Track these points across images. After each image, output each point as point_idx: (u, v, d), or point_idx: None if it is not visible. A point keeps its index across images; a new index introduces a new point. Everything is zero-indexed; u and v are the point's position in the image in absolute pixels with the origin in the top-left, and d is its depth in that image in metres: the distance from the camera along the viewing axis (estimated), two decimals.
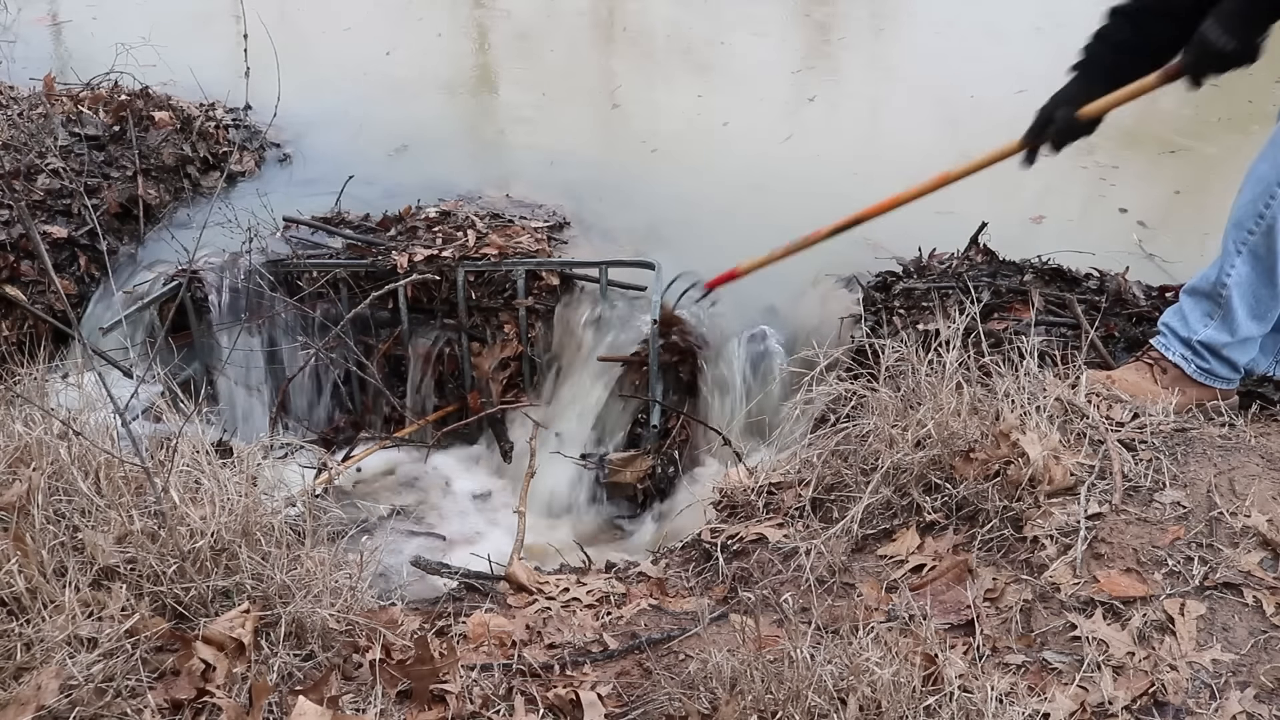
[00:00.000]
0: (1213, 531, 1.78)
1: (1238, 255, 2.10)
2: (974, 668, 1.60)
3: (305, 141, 4.19)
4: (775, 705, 1.52)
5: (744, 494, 2.24)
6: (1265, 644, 1.60)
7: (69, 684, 1.53)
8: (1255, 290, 2.12)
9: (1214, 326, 2.17)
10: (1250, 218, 2.08)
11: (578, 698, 1.67)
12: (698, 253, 3.43)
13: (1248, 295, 2.12)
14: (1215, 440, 2.00)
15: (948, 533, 1.93)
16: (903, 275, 3.02)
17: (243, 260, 3.28)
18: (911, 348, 2.13)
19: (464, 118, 4.67)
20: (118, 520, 1.77)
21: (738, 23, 5.71)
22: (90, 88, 3.97)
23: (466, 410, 3.36)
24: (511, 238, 3.34)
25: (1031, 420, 1.96)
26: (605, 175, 3.92)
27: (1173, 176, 3.96)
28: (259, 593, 1.73)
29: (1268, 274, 2.09)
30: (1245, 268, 2.10)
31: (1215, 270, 2.15)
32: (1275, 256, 2.07)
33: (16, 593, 1.63)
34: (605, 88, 5.01)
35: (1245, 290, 2.12)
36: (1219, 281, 2.14)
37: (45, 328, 3.22)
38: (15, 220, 3.21)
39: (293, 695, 1.58)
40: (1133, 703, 1.53)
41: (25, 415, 1.96)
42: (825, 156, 4.06)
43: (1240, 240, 2.09)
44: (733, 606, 1.91)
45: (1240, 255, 2.10)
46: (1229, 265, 2.12)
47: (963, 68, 4.92)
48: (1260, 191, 2.05)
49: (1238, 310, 2.13)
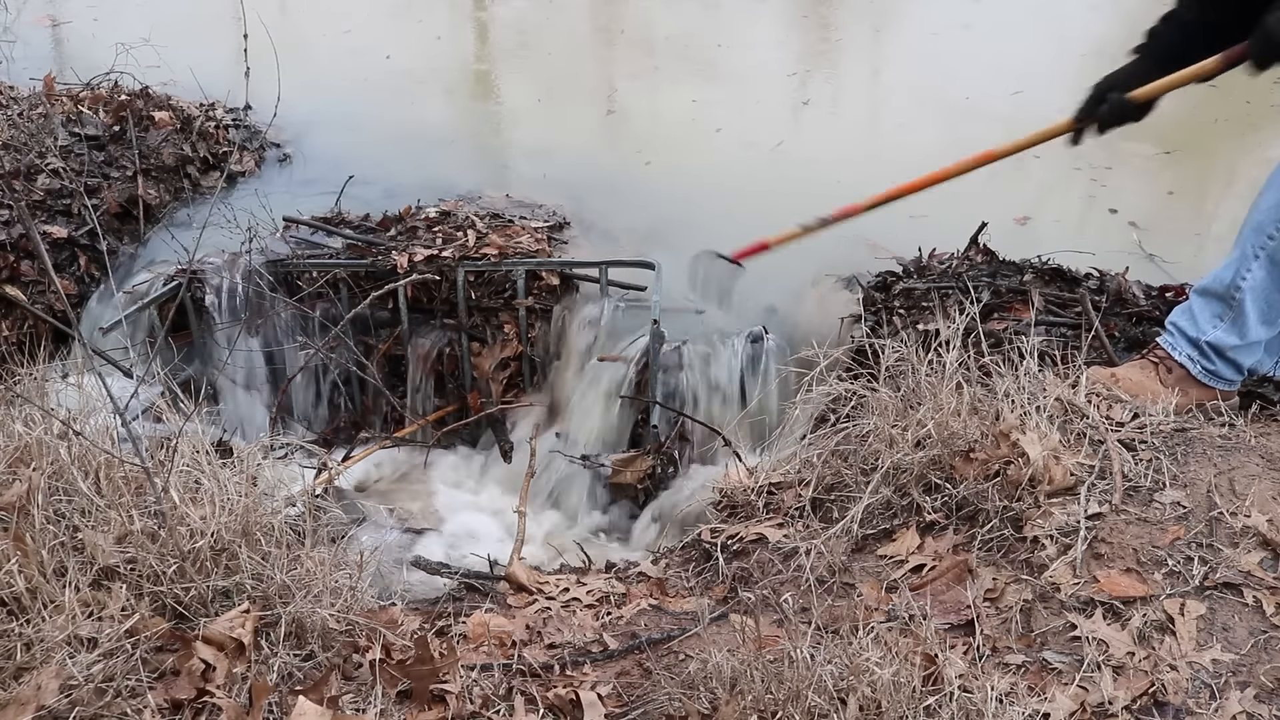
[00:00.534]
0: (1213, 531, 1.78)
1: (1255, 260, 2.09)
2: (974, 668, 1.60)
3: (305, 141, 4.20)
4: (775, 705, 1.52)
5: (744, 494, 2.24)
6: (1265, 644, 1.60)
7: (69, 684, 1.53)
8: (1269, 295, 2.11)
9: (1223, 328, 2.16)
10: (1272, 223, 2.07)
11: (578, 698, 1.67)
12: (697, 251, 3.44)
13: (1260, 300, 2.12)
14: (1215, 440, 2.00)
15: (948, 533, 1.93)
16: (903, 275, 3.02)
17: (243, 260, 3.28)
18: (911, 348, 2.13)
19: (464, 118, 4.67)
20: (118, 520, 1.77)
21: (737, 23, 5.72)
22: (90, 88, 3.98)
23: (466, 410, 3.36)
24: (511, 238, 3.34)
25: (1031, 420, 1.96)
26: (605, 175, 3.92)
27: (1170, 177, 3.96)
28: (259, 593, 1.73)
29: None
30: (1262, 272, 2.09)
31: (1230, 272, 2.14)
32: None
33: (16, 593, 1.63)
34: (605, 89, 5.01)
35: (1259, 294, 2.11)
36: (1233, 284, 2.13)
37: (45, 328, 3.22)
38: (15, 220, 3.21)
39: (293, 695, 1.58)
40: (1133, 703, 1.53)
41: (25, 415, 1.96)
42: (825, 157, 4.06)
43: (1259, 245, 2.08)
44: (733, 606, 1.91)
45: (1258, 260, 2.09)
46: (1245, 269, 2.11)
47: (961, 68, 4.92)
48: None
49: (1250, 314, 2.12)
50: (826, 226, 2.62)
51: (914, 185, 2.49)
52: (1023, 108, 2.62)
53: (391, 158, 4.04)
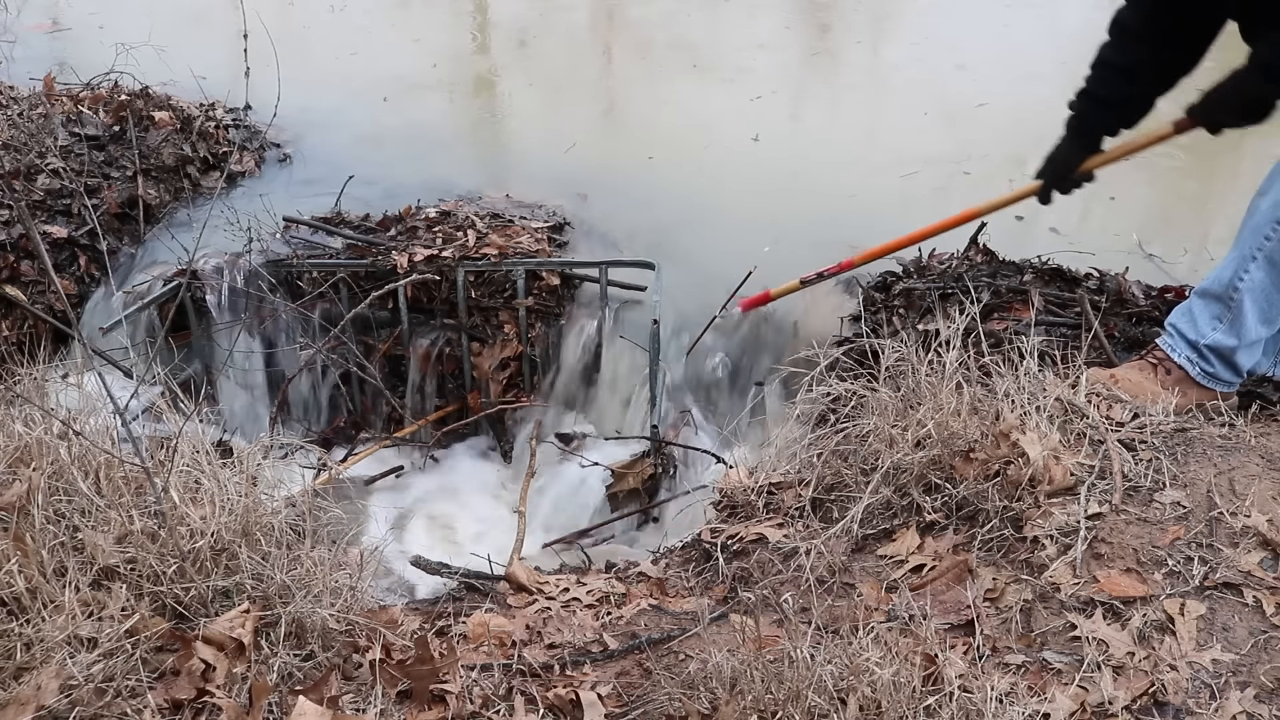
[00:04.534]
0: (1213, 531, 1.78)
1: (1253, 260, 2.10)
2: (974, 668, 1.60)
3: (305, 141, 4.20)
4: (775, 705, 1.52)
5: (744, 494, 2.24)
6: (1265, 644, 1.60)
7: (69, 684, 1.53)
8: (1269, 295, 2.12)
9: (1222, 330, 2.16)
10: (1269, 223, 2.07)
11: (578, 698, 1.67)
12: (698, 252, 3.44)
13: (1260, 300, 2.12)
14: (1215, 440, 2.00)
15: (948, 533, 1.93)
16: (903, 275, 3.02)
17: (243, 260, 3.28)
18: (911, 348, 2.13)
19: (464, 118, 4.67)
20: (118, 520, 1.77)
21: (737, 24, 5.72)
22: (90, 88, 3.98)
23: (466, 410, 3.36)
24: (511, 238, 3.34)
25: (1031, 420, 1.96)
26: (605, 175, 3.92)
27: (1170, 176, 3.96)
28: (259, 593, 1.73)
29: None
30: (1260, 273, 2.10)
31: (1228, 272, 2.14)
32: None
33: (16, 593, 1.63)
34: (605, 89, 5.01)
35: (1258, 295, 2.11)
36: (1231, 284, 2.13)
37: (45, 328, 3.22)
38: (15, 220, 3.21)
39: (293, 695, 1.58)
40: (1133, 703, 1.53)
41: (25, 415, 1.96)
42: (823, 157, 4.06)
43: (1257, 245, 2.09)
44: (733, 606, 1.91)
45: (1256, 260, 2.09)
46: (1243, 269, 2.11)
47: (958, 69, 4.92)
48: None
49: (1248, 314, 2.13)
50: (823, 280, 2.76)
51: (903, 241, 2.65)
52: (999, 114, 2.66)
53: (391, 158, 4.04)
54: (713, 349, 3.16)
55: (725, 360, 3.15)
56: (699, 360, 3.15)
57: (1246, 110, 2.06)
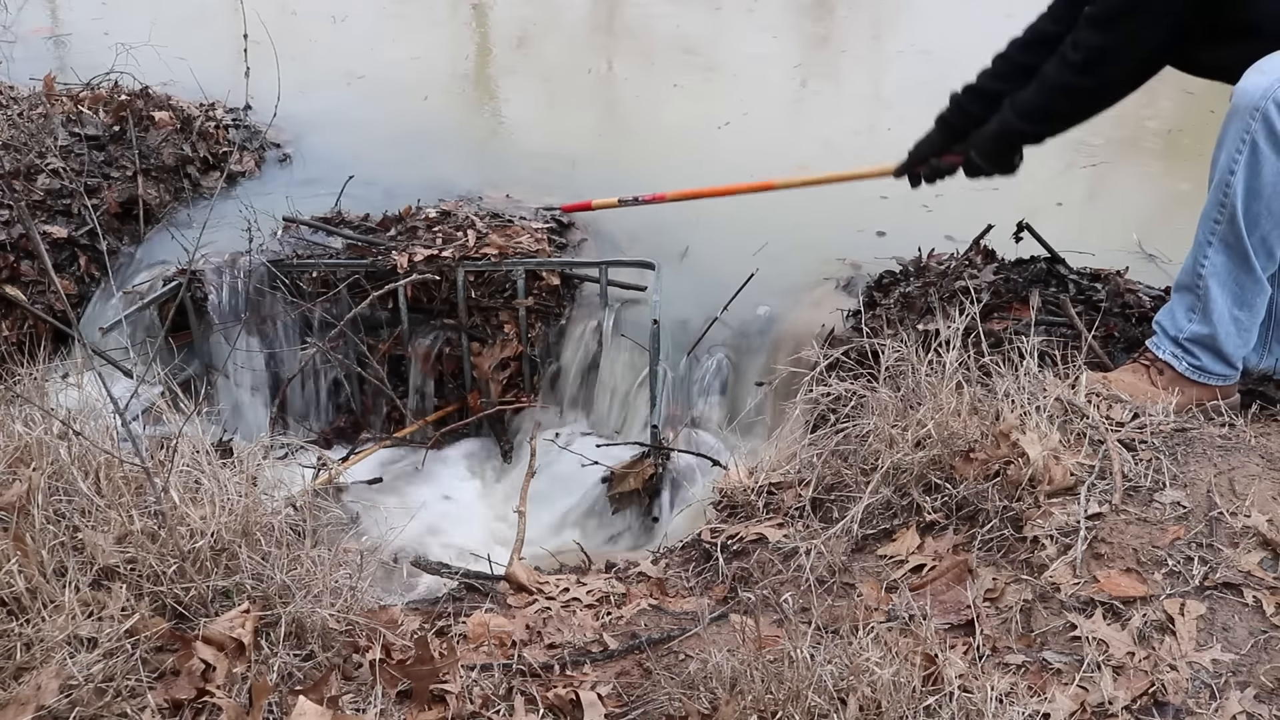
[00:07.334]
0: (1213, 531, 1.78)
1: (1209, 245, 2.13)
2: (974, 668, 1.60)
3: (305, 141, 4.19)
4: (775, 705, 1.52)
5: (744, 494, 2.24)
6: (1265, 644, 1.60)
7: (69, 684, 1.53)
8: (1236, 277, 2.13)
9: (1197, 321, 2.17)
10: (1214, 207, 2.11)
11: (578, 698, 1.67)
12: (698, 252, 3.44)
13: (1227, 282, 2.13)
14: (1215, 440, 2.00)
15: (948, 533, 1.93)
16: (902, 276, 3.02)
17: (243, 260, 3.28)
18: (911, 348, 2.13)
19: (464, 118, 4.67)
20: (118, 520, 1.77)
21: (737, 24, 5.71)
22: (90, 88, 3.97)
23: (466, 410, 3.36)
24: (511, 238, 3.34)
25: (1031, 420, 1.96)
26: (605, 175, 3.92)
27: (1170, 177, 3.96)
28: (259, 593, 1.73)
29: (1243, 260, 2.10)
30: (1219, 256, 2.12)
31: (1190, 261, 2.17)
32: (1244, 243, 2.08)
33: (16, 593, 1.63)
34: (605, 89, 5.01)
35: (1224, 277, 2.13)
36: (1195, 273, 2.16)
37: (45, 328, 3.21)
38: (15, 220, 3.21)
39: (293, 695, 1.58)
40: (1133, 703, 1.53)
41: (25, 415, 1.96)
42: (824, 157, 4.05)
43: (1209, 231, 2.12)
44: (733, 606, 1.91)
45: (1212, 245, 2.12)
46: (1202, 256, 2.14)
47: (961, 75, 4.91)
48: (1218, 181, 2.08)
49: (1216, 299, 2.14)
50: (639, 204, 3.14)
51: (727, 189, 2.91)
52: None
53: (391, 158, 4.03)
54: (713, 349, 3.16)
55: (725, 360, 3.15)
56: (699, 360, 3.15)
57: (994, 154, 2.41)
